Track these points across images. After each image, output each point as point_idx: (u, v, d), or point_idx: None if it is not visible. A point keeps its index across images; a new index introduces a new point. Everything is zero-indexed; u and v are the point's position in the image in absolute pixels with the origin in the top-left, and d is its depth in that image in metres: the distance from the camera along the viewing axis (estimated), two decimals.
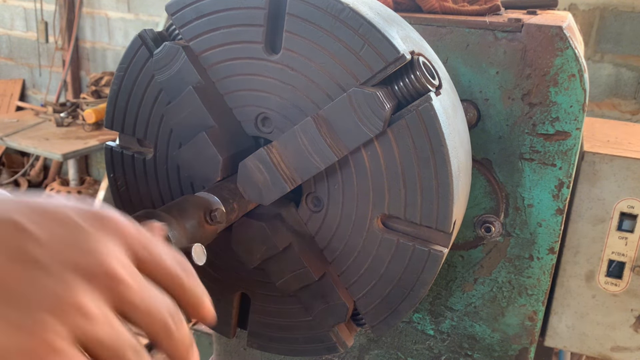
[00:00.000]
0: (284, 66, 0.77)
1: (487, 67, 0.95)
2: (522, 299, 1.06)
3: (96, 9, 5.46)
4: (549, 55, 0.91)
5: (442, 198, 0.73)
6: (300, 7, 0.73)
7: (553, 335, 1.16)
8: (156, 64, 0.82)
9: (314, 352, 0.89)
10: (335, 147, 0.73)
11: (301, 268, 0.82)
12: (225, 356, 1.34)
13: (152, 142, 0.89)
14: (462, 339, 1.13)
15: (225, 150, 0.80)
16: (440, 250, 0.75)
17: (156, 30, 0.86)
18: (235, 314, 0.94)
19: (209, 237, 0.74)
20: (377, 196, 0.77)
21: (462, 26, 0.95)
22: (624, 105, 3.46)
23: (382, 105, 0.69)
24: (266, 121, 0.81)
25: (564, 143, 0.94)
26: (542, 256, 1.02)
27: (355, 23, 0.70)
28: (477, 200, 1.02)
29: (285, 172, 0.76)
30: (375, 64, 0.71)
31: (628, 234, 1.07)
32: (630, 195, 1.05)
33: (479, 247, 1.06)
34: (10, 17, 5.99)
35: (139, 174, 0.91)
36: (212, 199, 0.76)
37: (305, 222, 0.83)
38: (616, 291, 1.10)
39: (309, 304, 0.85)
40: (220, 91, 0.83)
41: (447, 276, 1.10)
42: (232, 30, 0.78)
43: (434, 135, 0.71)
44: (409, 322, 1.17)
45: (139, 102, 0.87)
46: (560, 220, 0.99)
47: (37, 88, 6.09)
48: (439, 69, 0.79)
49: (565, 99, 0.92)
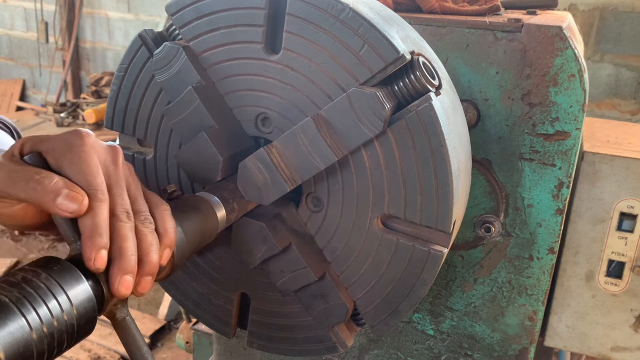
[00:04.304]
0: (284, 66, 0.77)
1: (487, 67, 0.95)
2: (522, 299, 1.06)
3: (96, 9, 5.46)
4: (548, 56, 0.91)
5: (442, 198, 0.73)
6: (300, 7, 0.73)
7: (553, 335, 1.16)
8: (156, 64, 0.82)
9: (314, 352, 0.89)
10: (335, 147, 0.73)
11: (301, 268, 0.82)
12: (225, 356, 1.34)
13: (152, 142, 0.89)
14: (462, 339, 1.14)
15: (225, 150, 0.80)
16: (440, 250, 0.75)
17: (156, 31, 0.86)
18: (235, 314, 0.94)
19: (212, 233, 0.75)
20: (377, 196, 0.77)
21: (462, 26, 0.95)
22: (624, 105, 3.47)
23: (382, 105, 0.69)
24: (266, 121, 0.81)
25: (563, 143, 0.95)
26: (542, 256, 1.02)
27: (355, 23, 0.71)
28: (477, 200, 1.03)
29: (285, 172, 0.76)
30: (375, 64, 0.71)
31: (628, 234, 1.07)
32: (630, 195, 1.05)
33: (479, 247, 1.06)
34: (11, 17, 6.00)
35: (139, 174, 0.91)
36: (212, 199, 0.76)
37: (305, 222, 0.83)
38: (616, 291, 1.10)
39: (309, 304, 0.85)
40: (220, 91, 0.83)
41: (447, 276, 1.10)
42: (232, 30, 0.78)
43: (434, 136, 0.71)
44: (409, 322, 1.17)
45: (139, 102, 0.87)
46: (560, 220, 0.99)
47: (37, 88, 6.10)
48: (439, 69, 0.79)
49: (565, 99, 0.92)
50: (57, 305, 0.54)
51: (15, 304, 0.51)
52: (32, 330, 0.51)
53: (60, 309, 0.54)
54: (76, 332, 0.56)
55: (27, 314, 0.52)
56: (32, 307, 0.52)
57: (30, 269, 0.56)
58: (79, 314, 0.56)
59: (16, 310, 0.51)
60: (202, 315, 0.96)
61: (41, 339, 0.52)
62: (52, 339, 0.53)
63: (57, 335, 0.54)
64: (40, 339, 0.52)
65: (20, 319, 0.51)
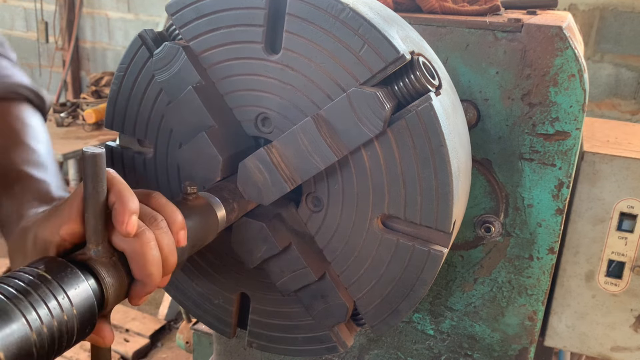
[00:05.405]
0: (284, 66, 0.77)
1: (487, 67, 0.95)
2: (522, 299, 1.06)
3: (96, 9, 5.46)
4: (548, 55, 0.91)
5: (442, 198, 0.73)
6: (300, 7, 0.73)
7: (553, 335, 1.16)
8: (156, 64, 0.82)
9: (313, 352, 0.89)
10: (335, 147, 0.73)
11: (301, 268, 0.82)
12: (225, 356, 1.34)
13: (152, 142, 0.89)
14: (462, 339, 1.14)
15: (225, 150, 0.80)
16: (440, 250, 0.75)
17: (156, 30, 0.86)
18: (235, 314, 0.94)
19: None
20: (377, 196, 0.77)
21: (462, 26, 0.95)
22: (624, 105, 3.47)
23: (382, 105, 0.69)
24: (266, 121, 0.81)
25: (563, 143, 0.95)
26: (542, 256, 1.02)
27: (355, 23, 0.71)
28: (477, 200, 1.03)
29: (285, 172, 0.76)
30: (375, 64, 0.71)
31: (628, 234, 1.07)
32: (630, 195, 1.05)
33: (479, 247, 1.06)
34: (11, 17, 6.00)
35: (139, 174, 0.91)
36: (212, 199, 0.76)
37: (305, 222, 0.83)
38: (616, 291, 1.10)
39: (309, 304, 0.85)
40: (220, 91, 0.83)
41: (447, 276, 1.10)
42: (232, 30, 0.78)
43: (434, 135, 0.71)
44: (409, 322, 1.17)
45: (139, 102, 0.87)
46: (560, 220, 0.99)
47: None
48: (439, 69, 0.79)
49: (565, 99, 0.92)
50: (57, 305, 0.54)
51: (16, 304, 0.51)
52: (32, 331, 0.51)
53: (61, 309, 0.54)
54: (76, 332, 0.56)
55: (27, 314, 0.51)
56: (32, 307, 0.52)
57: (30, 269, 0.56)
58: (79, 314, 0.56)
59: (16, 310, 0.51)
60: (202, 315, 0.96)
61: (41, 339, 0.52)
62: (52, 339, 0.53)
63: (57, 335, 0.54)
64: (40, 339, 0.52)
65: (20, 319, 0.51)
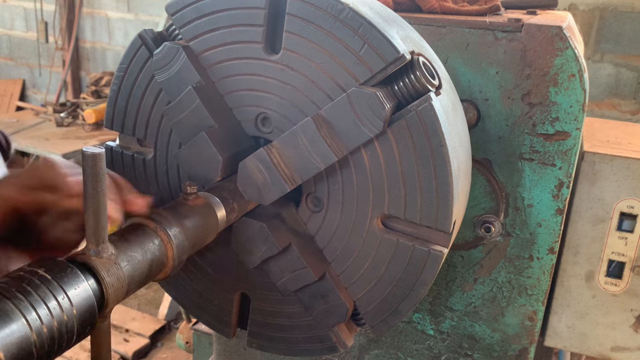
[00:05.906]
0: (284, 66, 0.77)
1: (487, 67, 0.95)
2: (522, 299, 1.06)
3: (96, 9, 5.46)
4: (549, 55, 0.91)
5: (442, 198, 0.73)
6: (300, 7, 0.73)
7: (553, 335, 1.16)
8: (156, 64, 0.82)
9: (314, 352, 0.89)
10: (335, 147, 0.73)
11: (301, 268, 0.82)
12: (225, 356, 1.34)
13: (152, 142, 0.89)
14: (462, 339, 1.14)
15: (225, 150, 0.80)
16: (440, 250, 0.75)
17: (156, 30, 0.86)
18: (235, 314, 0.94)
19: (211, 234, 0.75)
20: (377, 196, 0.77)
21: (462, 26, 0.95)
22: (624, 105, 3.47)
23: (382, 105, 0.69)
24: (266, 121, 0.81)
25: (563, 143, 0.95)
26: (542, 256, 1.02)
27: (355, 23, 0.71)
28: (477, 200, 1.03)
29: (285, 172, 0.76)
30: (375, 64, 0.71)
31: (628, 234, 1.07)
32: (630, 195, 1.05)
33: (479, 247, 1.06)
34: (10, 17, 6.00)
35: (139, 174, 0.91)
36: (212, 199, 0.76)
37: (305, 222, 0.83)
38: (616, 291, 1.10)
39: (309, 304, 0.85)
40: (220, 91, 0.83)
41: (447, 276, 1.10)
42: (232, 30, 0.78)
43: (434, 135, 0.71)
44: (409, 322, 1.17)
45: (139, 102, 0.87)
46: (560, 220, 0.99)
47: (37, 88, 6.09)
48: (439, 69, 0.79)
49: (565, 99, 0.92)
50: (57, 305, 0.54)
51: (16, 304, 0.51)
52: (32, 331, 0.51)
53: (60, 309, 0.54)
54: (76, 332, 0.56)
55: (27, 314, 0.51)
56: (32, 307, 0.52)
57: (30, 269, 0.56)
58: (79, 314, 0.56)
59: (16, 310, 0.51)
60: (202, 315, 0.96)
61: (41, 339, 0.52)
62: (52, 339, 0.53)
63: (57, 336, 0.54)
64: (40, 339, 0.52)
65: (20, 319, 0.51)
